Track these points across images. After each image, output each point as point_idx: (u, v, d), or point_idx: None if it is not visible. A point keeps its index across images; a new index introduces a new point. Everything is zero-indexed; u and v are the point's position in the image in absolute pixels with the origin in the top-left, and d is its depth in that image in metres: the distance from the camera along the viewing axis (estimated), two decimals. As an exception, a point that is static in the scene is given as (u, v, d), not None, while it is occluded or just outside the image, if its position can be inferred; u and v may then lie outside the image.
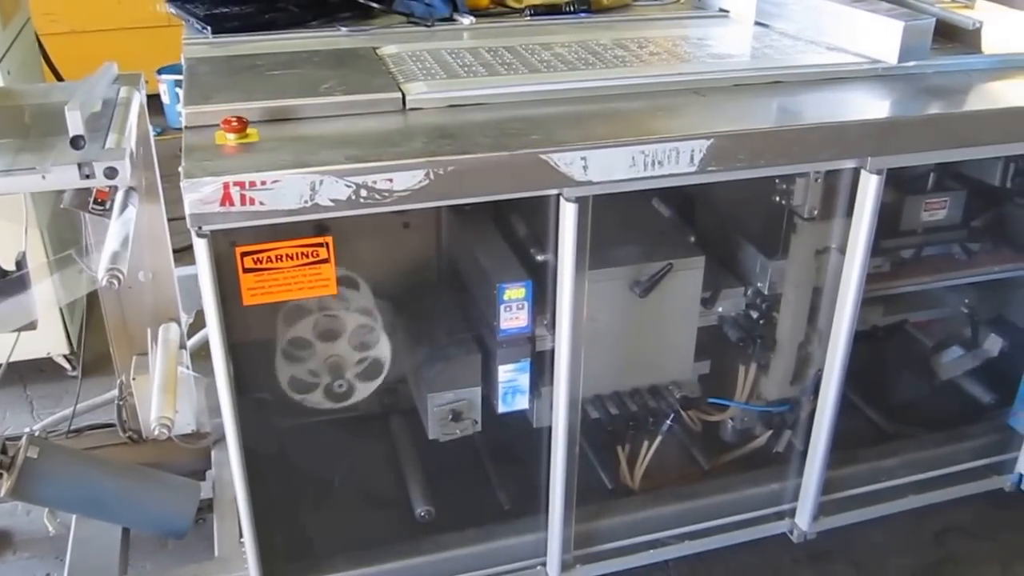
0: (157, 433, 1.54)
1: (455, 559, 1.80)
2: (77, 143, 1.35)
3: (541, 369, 1.72)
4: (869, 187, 1.58)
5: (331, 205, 1.31)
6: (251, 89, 1.55)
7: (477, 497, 1.95)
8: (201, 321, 1.48)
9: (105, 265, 1.36)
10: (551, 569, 1.81)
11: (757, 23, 2.03)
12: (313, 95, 1.52)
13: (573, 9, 2.13)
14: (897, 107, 1.66)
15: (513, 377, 1.73)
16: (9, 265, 1.73)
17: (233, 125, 1.37)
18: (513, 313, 1.67)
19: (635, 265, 1.75)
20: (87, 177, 1.37)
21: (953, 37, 1.90)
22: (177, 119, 1.66)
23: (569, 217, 1.45)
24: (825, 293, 1.78)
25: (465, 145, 1.38)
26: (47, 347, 2.50)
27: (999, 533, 2.11)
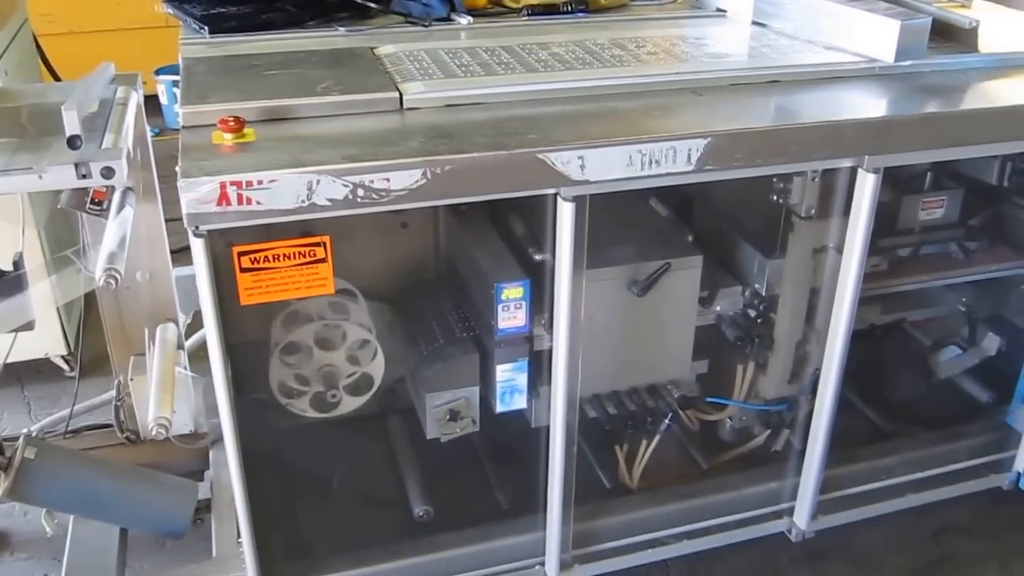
0: (155, 433, 1.54)
1: (453, 559, 1.80)
2: (74, 143, 1.35)
3: (539, 368, 1.72)
4: (866, 186, 1.58)
5: (328, 205, 1.31)
6: (248, 89, 1.55)
7: (475, 497, 1.95)
8: (199, 321, 1.48)
9: (102, 265, 1.36)
10: (549, 568, 1.81)
11: (754, 22, 2.03)
12: (310, 95, 1.52)
13: (570, 9, 2.13)
14: (894, 106, 1.66)
15: (511, 376, 1.73)
16: (6, 265, 1.72)
17: (230, 125, 1.37)
18: (511, 312, 1.67)
19: (633, 264, 1.75)
20: (84, 177, 1.37)
21: (950, 36, 1.90)
22: (175, 120, 1.66)
23: (566, 216, 1.45)
24: (823, 292, 1.79)
25: (462, 144, 1.38)
26: (44, 347, 2.49)
27: (997, 532, 2.11)
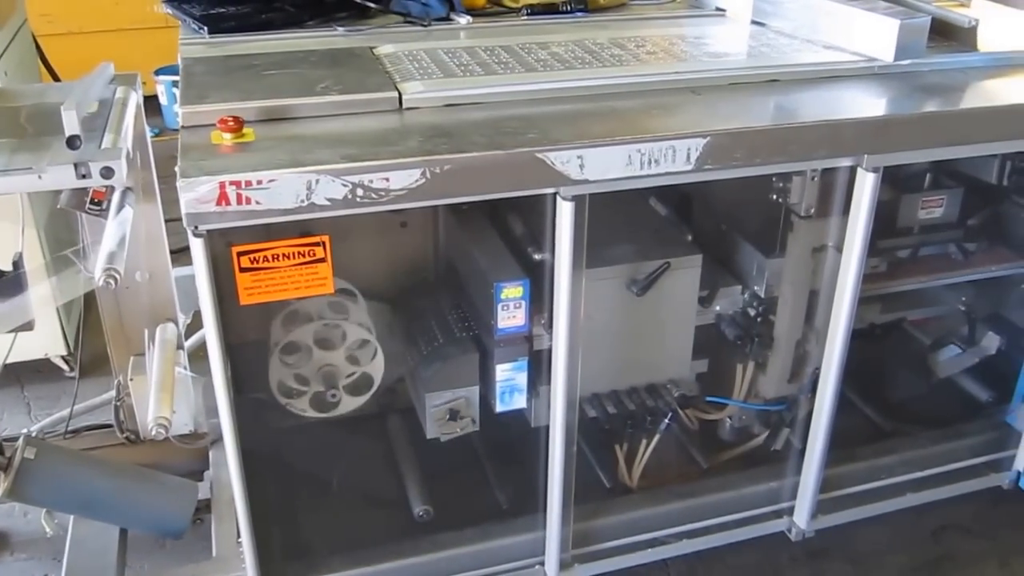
0: (154, 433, 1.54)
1: (453, 558, 1.80)
2: (73, 143, 1.35)
3: (539, 368, 1.72)
4: (865, 185, 1.58)
5: (327, 204, 1.31)
6: (247, 89, 1.55)
7: (475, 496, 1.95)
8: (199, 321, 1.47)
9: (102, 265, 1.36)
10: (549, 568, 1.81)
11: (753, 22, 2.03)
12: (309, 95, 1.52)
13: (570, 8, 2.13)
14: (893, 105, 1.66)
15: (511, 376, 1.73)
16: (6, 265, 1.72)
17: (229, 125, 1.37)
18: (510, 312, 1.67)
19: (632, 264, 1.75)
20: (83, 177, 1.37)
21: (949, 35, 1.90)
22: (175, 120, 1.66)
23: (566, 216, 1.45)
24: (822, 291, 1.79)
25: (461, 144, 1.38)
26: (44, 348, 2.49)
27: (997, 531, 2.11)
